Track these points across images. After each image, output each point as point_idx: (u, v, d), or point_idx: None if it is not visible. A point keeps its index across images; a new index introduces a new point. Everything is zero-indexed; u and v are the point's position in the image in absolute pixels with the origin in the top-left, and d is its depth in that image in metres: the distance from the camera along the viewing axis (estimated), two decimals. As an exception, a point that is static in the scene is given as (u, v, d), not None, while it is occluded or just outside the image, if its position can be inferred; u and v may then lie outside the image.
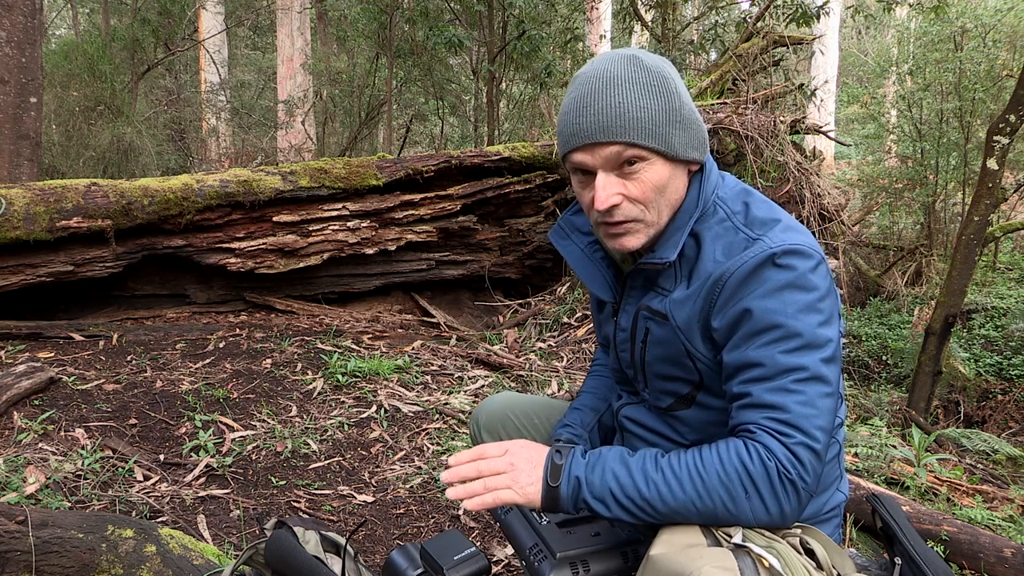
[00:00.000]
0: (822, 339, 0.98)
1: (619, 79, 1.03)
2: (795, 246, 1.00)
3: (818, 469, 0.97)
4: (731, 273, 1.02)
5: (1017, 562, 2.09)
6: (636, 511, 0.98)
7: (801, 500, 0.96)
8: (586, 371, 3.73)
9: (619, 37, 12.51)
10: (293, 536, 1.47)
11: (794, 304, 0.98)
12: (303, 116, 8.64)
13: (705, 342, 1.07)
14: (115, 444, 2.40)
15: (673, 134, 1.04)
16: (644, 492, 0.97)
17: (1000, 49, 7.56)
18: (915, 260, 7.52)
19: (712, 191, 1.10)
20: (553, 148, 4.97)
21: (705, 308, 1.05)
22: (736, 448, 0.96)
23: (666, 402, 1.16)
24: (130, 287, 4.00)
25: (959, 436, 3.68)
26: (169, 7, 8.03)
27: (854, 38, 18.26)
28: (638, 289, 1.17)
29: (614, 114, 1.02)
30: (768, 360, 0.97)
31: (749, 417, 0.98)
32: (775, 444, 0.95)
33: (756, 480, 0.94)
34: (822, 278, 1.01)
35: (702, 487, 0.95)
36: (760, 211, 1.08)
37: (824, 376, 0.97)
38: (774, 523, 0.96)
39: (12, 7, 4.46)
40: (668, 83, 1.05)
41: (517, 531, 1.15)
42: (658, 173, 1.05)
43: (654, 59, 1.07)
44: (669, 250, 1.08)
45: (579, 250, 1.24)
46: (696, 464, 0.97)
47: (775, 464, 0.94)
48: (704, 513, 0.96)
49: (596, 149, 1.04)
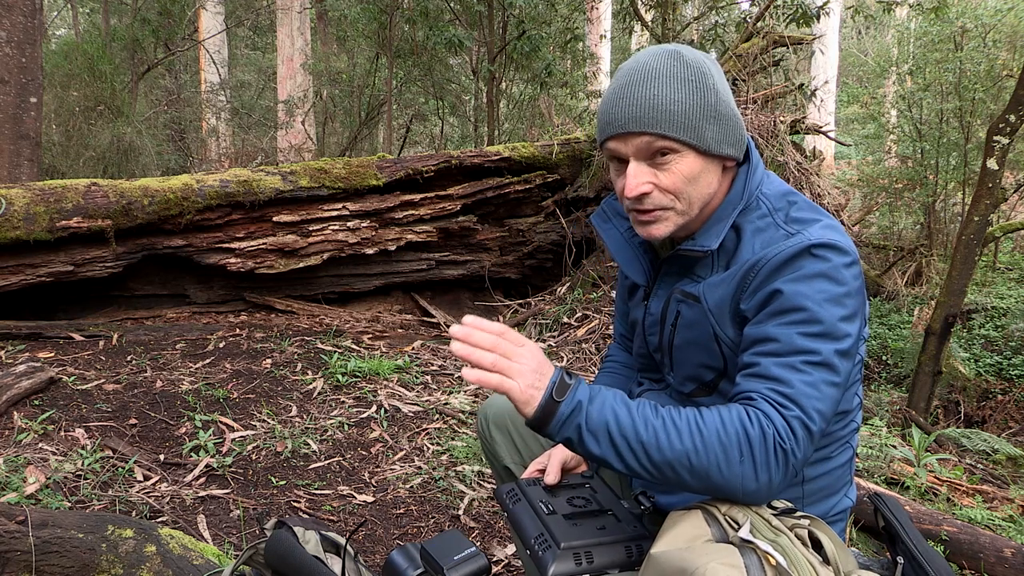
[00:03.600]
0: (841, 332, 0.99)
1: (657, 72, 1.06)
2: (833, 241, 1.02)
3: (808, 451, 0.97)
4: (768, 260, 1.04)
5: (1017, 562, 2.09)
6: (627, 454, 0.96)
7: (786, 475, 0.96)
8: (587, 371, 3.72)
9: (619, 37, 12.52)
10: (293, 536, 1.47)
11: (822, 292, 1.00)
12: (303, 116, 8.63)
13: (733, 326, 1.08)
14: (115, 444, 2.40)
15: (706, 128, 1.06)
16: (641, 435, 0.96)
17: (1000, 49, 7.57)
18: (915, 260, 7.52)
19: (757, 186, 1.13)
20: (553, 148, 4.97)
21: (737, 292, 1.07)
22: (738, 411, 0.97)
23: (689, 388, 1.17)
24: (130, 287, 4.00)
25: (959, 436, 3.68)
26: (169, 7, 8.02)
27: (854, 38, 18.27)
28: (673, 275, 1.19)
29: (648, 106, 1.05)
30: (785, 338, 0.99)
31: (752, 386, 0.99)
32: (774, 413, 0.96)
33: (753, 444, 0.94)
34: (854, 276, 1.03)
35: (700, 442, 0.95)
36: (802, 212, 1.10)
37: (834, 365, 0.98)
38: (759, 494, 0.95)
39: (12, 7, 4.46)
40: (706, 79, 1.07)
41: (522, 521, 1.14)
42: (689, 165, 1.07)
43: (696, 55, 1.09)
44: (711, 239, 1.10)
45: (619, 234, 1.26)
46: (696, 420, 0.97)
47: (772, 432, 0.94)
48: (696, 470, 0.95)
49: (629, 138, 1.07)
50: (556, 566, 1.04)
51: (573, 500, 1.17)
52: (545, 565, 1.05)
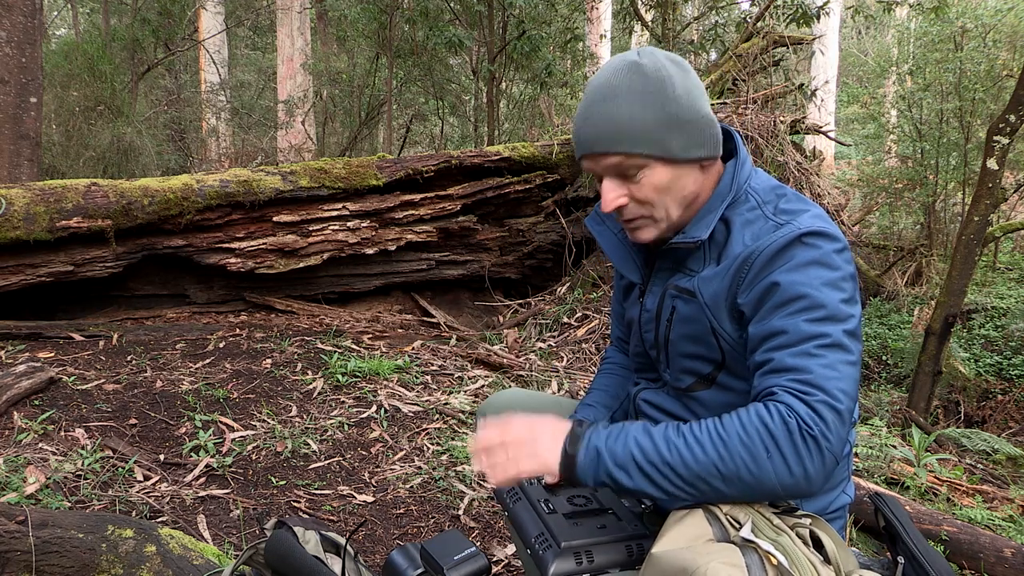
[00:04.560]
0: (844, 313, 1.00)
1: (616, 91, 1.08)
2: (822, 228, 1.04)
3: (842, 432, 0.96)
4: (760, 251, 1.05)
5: (1017, 562, 2.09)
6: (659, 478, 0.97)
7: (825, 460, 0.94)
8: (586, 371, 3.72)
9: (619, 37, 12.52)
10: (293, 536, 1.47)
11: (819, 278, 1.01)
12: (303, 116, 8.63)
13: (731, 320, 1.09)
14: (115, 444, 2.39)
15: (670, 138, 1.08)
16: (666, 456, 0.97)
17: (1000, 49, 7.57)
18: (915, 260, 7.52)
19: (745, 180, 1.15)
20: (553, 148, 4.97)
21: (733, 286, 1.08)
22: (756, 410, 0.97)
23: (686, 382, 1.18)
24: (130, 287, 4.00)
25: (959, 436, 3.68)
26: (169, 7, 8.02)
27: (854, 38, 18.26)
28: (666, 270, 1.21)
29: (611, 127, 1.08)
30: (792, 328, 0.99)
31: (771, 381, 0.99)
32: (796, 403, 0.95)
33: (777, 438, 0.93)
34: (846, 262, 1.04)
35: (723, 449, 0.95)
36: (790, 203, 1.11)
37: (846, 345, 0.99)
38: (799, 485, 0.94)
39: (12, 7, 4.46)
40: (666, 88, 1.07)
41: (523, 520, 1.15)
42: (659, 176, 1.10)
43: (656, 62, 1.09)
44: (701, 230, 1.12)
45: (612, 235, 1.29)
46: (717, 428, 0.97)
47: (796, 421, 0.93)
48: (728, 477, 0.95)
49: (597, 159, 1.11)
50: (557, 565, 1.05)
51: (573, 499, 1.17)
52: (545, 564, 1.05)
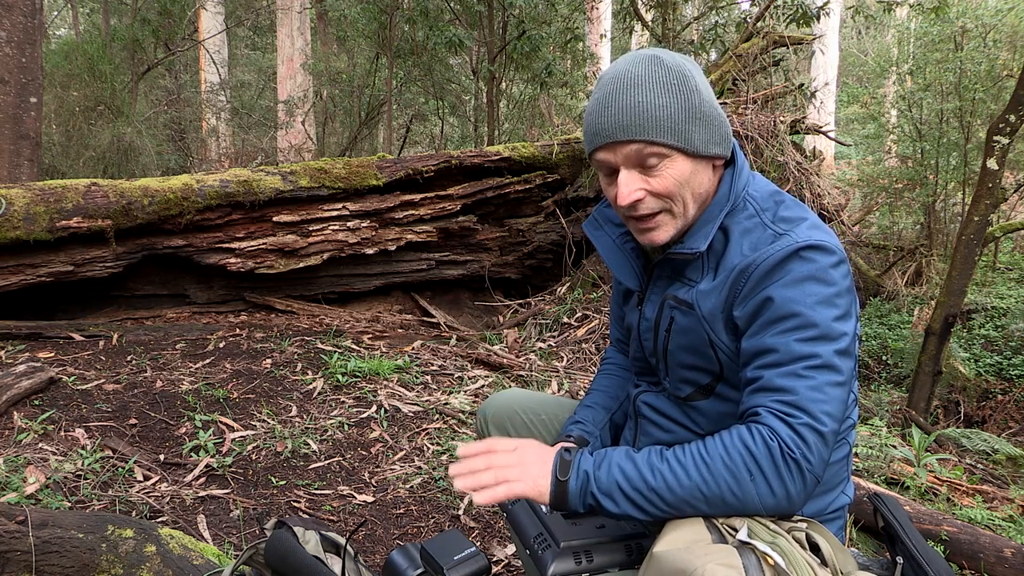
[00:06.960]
0: (837, 332, 1.00)
1: (638, 79, 1.06)
2: (820, 242, 1.03)
3: (824, 454, 0.97)
4: (757, 264, 1.04)
5: (1017, 562, 2.09)
6: (644, 503, 0.98)
7: (807, 483, 0.96)
8: (586, 371, 3.72)
9: (619, 37, 12.52)
10: (293, 536, 1.47)
11: (813, 295, 1.00)
12: (303, 116, 8.63)
13: (728, 332, 1.09)
14: (115, 444, 2.40)
15: (693, 130, 1.07)
16: (651, 482, 0.98)
17: (1000, 49, 7.57)
18: (915, 260, 7.52)
19: (743, 187, 1.14)
20: (553, 148, 4.97)
21: (729, 298, 1.07)
22: (739, 433, 0.98)
23: (685, 391, 1.18)
24: (130, 287, 4.00)
25: (959, 436, 3.68)
26: (169, 7, 8.02)
27: (854, 38, 18.26)
28: (664, 279, 1.20)
29: (633, 113, 1.05)
30: (783, 347, 0.99)
31: (758, 400, 1.00)
32: (779, 425, 0.96)
33: (760, 461, 0.94)
34: (842, 276, 1.04)
35: (707, 473, 0.96)
36: (789, 211, 1.10)
37: (836, 366, 0.99)
38: (781, 507, 0.96)
39: (12, 7, 4.46)
40: (688, 81, 1.07)
41: (522, 521, 1.15)
42: (679, 168, 1.08)
43: (675, 58, 1.09)
44: (699, 241, 1.11)
45: (611, 240, 1.27)
46: (700, 451, 0.98)
47: (778, 444, 0.95)
48: (711, 500, 0.96)
49: (618, 147, 1.08)
50: (556, 565, 1.05)
51: None
52: (545, 564, 1.05)
